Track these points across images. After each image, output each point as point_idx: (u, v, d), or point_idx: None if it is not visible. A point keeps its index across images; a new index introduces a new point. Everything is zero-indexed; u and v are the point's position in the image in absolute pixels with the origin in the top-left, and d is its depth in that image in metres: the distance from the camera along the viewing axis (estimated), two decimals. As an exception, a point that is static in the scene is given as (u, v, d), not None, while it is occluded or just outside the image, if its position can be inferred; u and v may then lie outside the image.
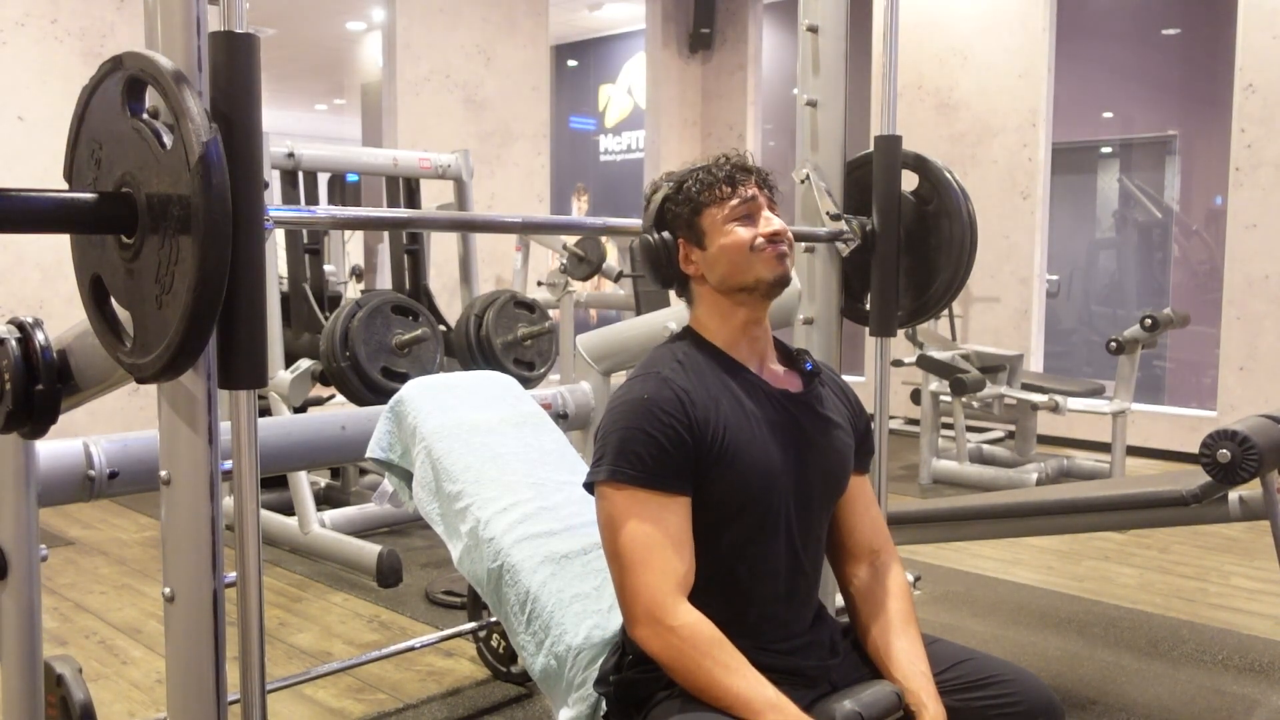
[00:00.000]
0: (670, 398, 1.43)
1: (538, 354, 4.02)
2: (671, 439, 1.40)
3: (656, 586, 1.37)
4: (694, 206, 1.53)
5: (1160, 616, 3.31)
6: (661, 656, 1.37)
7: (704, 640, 1.35)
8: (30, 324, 1.56)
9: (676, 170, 1.60)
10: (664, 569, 1.37)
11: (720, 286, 1.52)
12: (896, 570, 1.60)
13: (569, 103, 10.23)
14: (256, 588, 1.23)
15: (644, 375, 1.49)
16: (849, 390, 1.68)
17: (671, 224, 1.55)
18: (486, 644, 2.81)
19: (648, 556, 1.38)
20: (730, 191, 1.51)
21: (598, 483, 1.44)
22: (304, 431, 2.29)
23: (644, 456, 1.40)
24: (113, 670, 2.88)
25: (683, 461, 1.41)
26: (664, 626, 1.36)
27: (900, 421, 6.60)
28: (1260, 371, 5.50)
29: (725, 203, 1.51)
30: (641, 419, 1.42)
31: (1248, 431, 2.22)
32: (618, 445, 1.42)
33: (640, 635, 1.38)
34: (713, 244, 1.51)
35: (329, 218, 1.68)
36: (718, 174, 1.53)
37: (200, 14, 1.15)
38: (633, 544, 1.39)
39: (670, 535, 1.39)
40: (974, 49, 6.57)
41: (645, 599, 1.37)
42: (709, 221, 1.52)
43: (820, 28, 2.20)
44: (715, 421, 1.44)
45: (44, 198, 1.11)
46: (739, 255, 1.49)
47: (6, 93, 5.06)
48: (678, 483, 1.41)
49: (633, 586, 1.38)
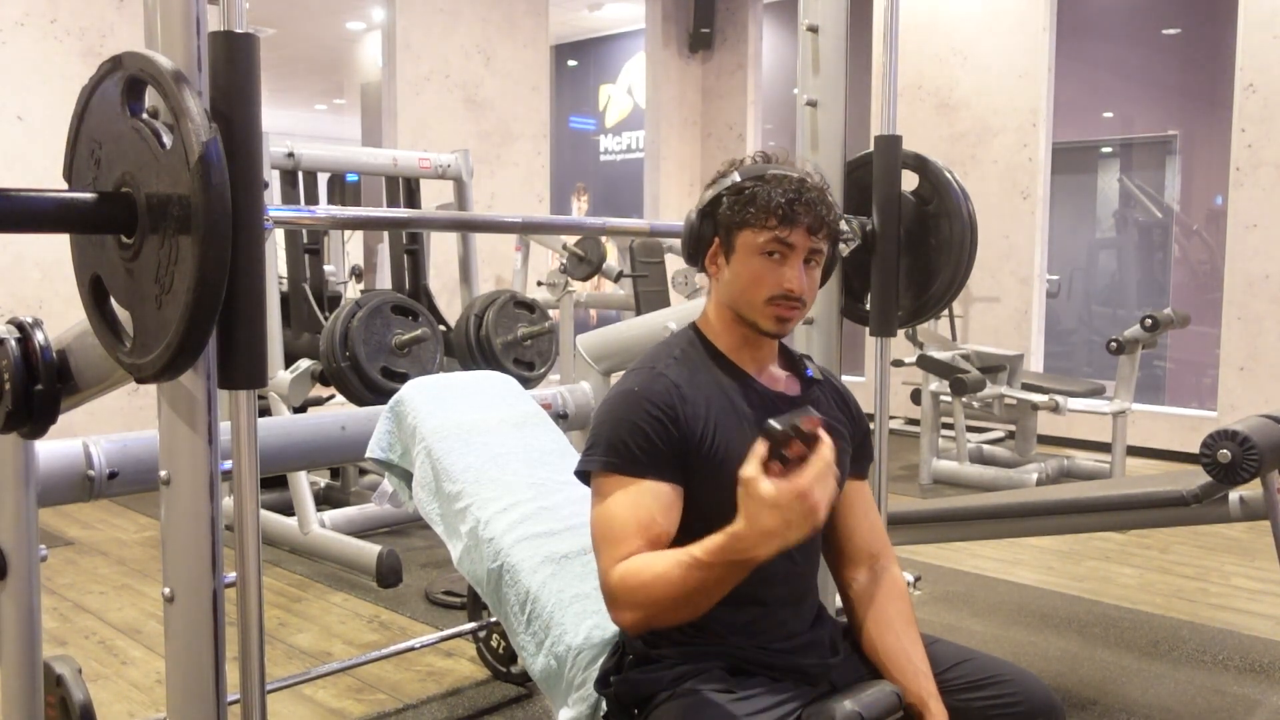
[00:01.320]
0: (660, 390, 1.44)
1: (538, 354, 4.02)
2: (658, 430, 1.41)
3: (604, 567, 1.37)
4: (739, 219, 1.46)
5: (1160, 617, 3.31)
6: (630, 623, 1.35)
7: (632, 573, 1.33)
8: (30, 324, 1.56)
9: (761, 154, 1.52)
10: (627, 549, 1.36)
11: (724, 303, 1.52)
12: (895, 573, 1.59)
13: (569, 103, 10.23)
14: (256, 588, 1.23)
15: (639, 369, 1.50)
16: (849, 397, 1.68)
17: (717, 219, 1.50)
18: (486, 644, 2.81)
19: (611, 536, 1.37)
20: (777, 224, 1.44)
21: (589, 471, 1.45)
22: (304, 431, 2.29)
23: (630, 445, 1.41)
24: (113, 670, 2.88)
25: (669, 453, 1.41)
26: (611, 598, 1.36)
27: (900, 421, 6.60)
28: (1260, 371, 5.50)
29: (765, 231, 1.44)
30: (630, 410, 1.43)
31: (1248, 431, 2.22)
32: (607, 436, 1.43)
33: (616, 622, 1.38)
34: (736, 264, 1.48)
35: (329, 218, 1.68)
36: (779, 199, 1.44)
37: (200, 14, 1.15)
38: (603, 526, 1.39)
39: (640, 520, 1.38)
40: (974, 49, 6.57)
41: (607, 580, 1.37)
42: (743, 241, 1.47)
43: (820, 28, 2.20)
44: (705, 418, 1.44)
45: (44, 198, 1.11)
46: (752, 294, 1.47)
47: (6, 93, 5.06)
48: (661, 470, 1.41)
49: (600, 569, 1.39)
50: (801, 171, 1.50)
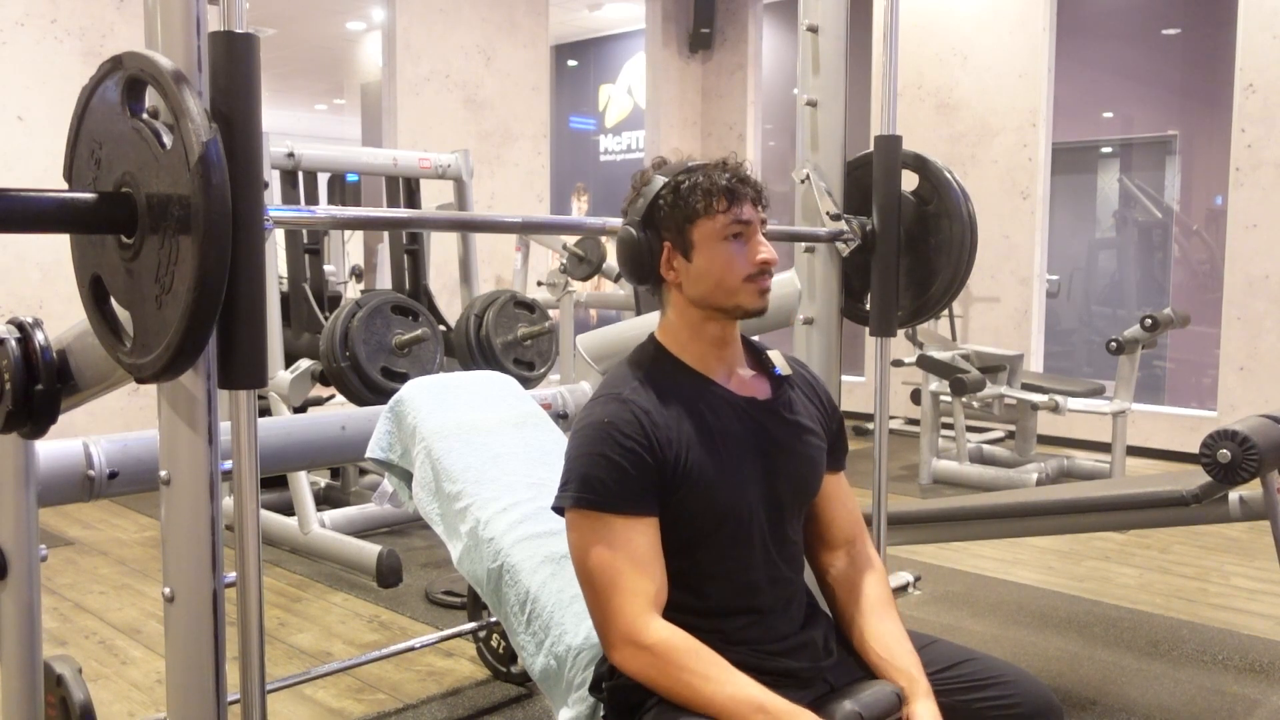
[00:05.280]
0: (630, 419, 1.41)
1: (538, 354, 4.02)
2: (633, 462, 1.39)
3: (627, 608, 1.36)
4: (687, 213, 1.45)
5: (1160, 617, 3.31)
6: (642, 676, 1.36)
7: (680, 653, 1.34)
8: (30, 324, 1.56)
9: (669, 161, 1.52)
10: (633, 590, 1.36)
11: (697, 301, 1.48)
12: (873, 557, 1.61)
13: (569, 103, 10.23)
14: (256, 588, 1.23)
15: (605, 397, 1.46)
16: (821, 389, 1.65)
17: (660, 224, 1.47)
18: (486, 644, 2.81)
19: (616, 579, 1.37)
20: (728, 205, 1.45)
21: (566, 508, 1.43)
22: (304, 431, 2.29)
23: (606, 481, 1.39)
24: (113, 670, 2.88)
25: (646, 484, 1.40)
26: (639, 646, 1.35)
27: (900, 421, 6.60)
28: (1260, 371, 5.50)
29: (720, 216, 1.45)
30: (602, 444, 1.40)
31: (1248, 431, 2.22)
32: (582, 471, 1.41)
33: (618, 659, 1.38)
34: (700, 257, 1.46)
35: (329, 218, 1.68)
36: (718, 182, 1.45)
37: (200, 14, 1.15)
38: (600, 570, 1.38)
39: (636, 557, 1.38)
40: (974, 49, 6.57)
41: (618, 623, 1.37)
42: (700, 233, 1.45)
43: (820, 28, 2.20)
44: (678, 441, 1.42)
45: (44, 198, 1.11)
46: (729, 278, 1.45)
47: (6, 93, 5.06)
48: (642, 504, 1.40)
49: (605, 612, 1.38)
50: (716, 158, 1.52)
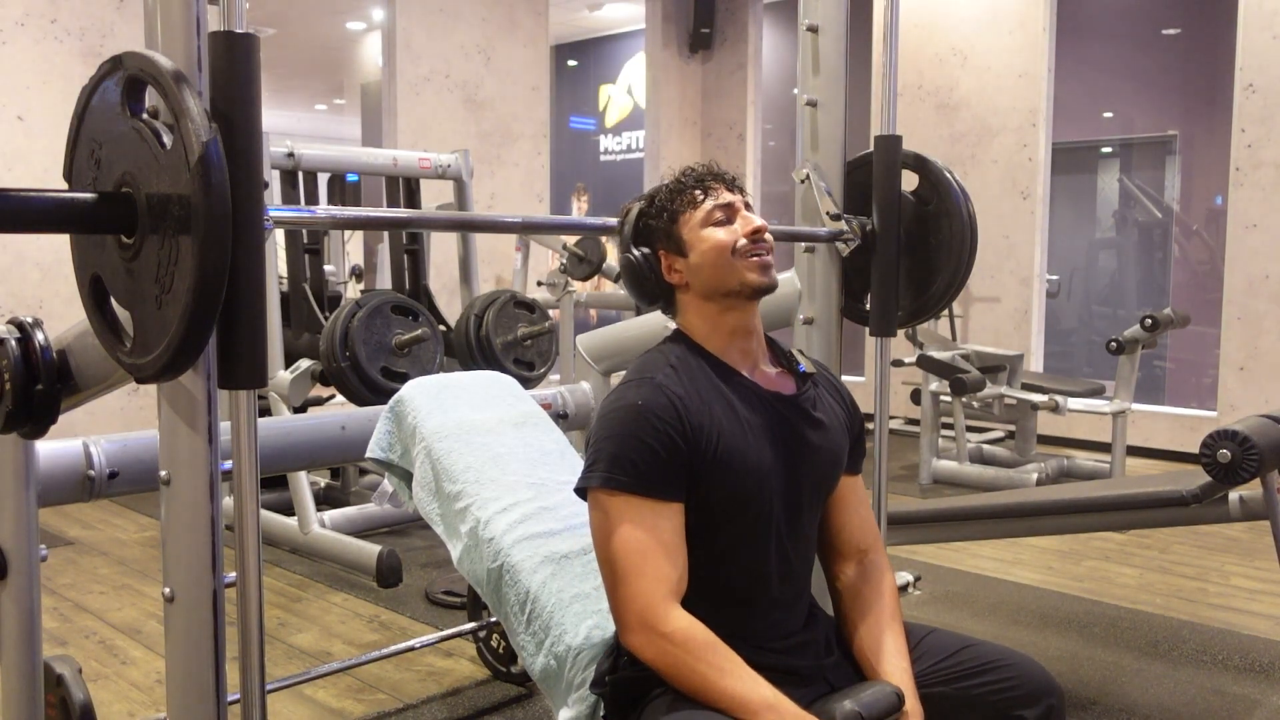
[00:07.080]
0: (665, 404, 1.42)
1: (538, 354, 4.02)
2: (666, 446, 1.40)
3: (649, 593, 1.37)
4: (669, 215, 1.54)
5: (1160, 616, 3.31)
6: (656, 663, 1.37)
7: (697, 644, 1.35)
8: (30, 324, 1.56)
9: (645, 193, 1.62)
10: (656, 576, 1.37)
11: (706, 293, 1.52)
12: (885, 568, 1.61)
13: (569, 103, 10.23)
14: (256, 588, 1.23)
15: (638, 380, 1.47)
16: (844, 391, 1.67)
17: (650, 238, 1.56)
18: (486, 644, 2.81)
19: (640, 564, 1.37)
20: (703, 196, 1.53)
21: (591, 488, 1.43)
22: (304, 431, 2.29)
23: (638, 464, 1.39)
24: (113, 670, 2.88)
25: (677, 468, 1.41)
26: (657, 633, 1.36)
27: (900, 421, 6.60)
28: (1260, 371, 5.50)
29: (700, 206, 1.52)
30: (636, 426, 1.41)
31: (1248, 431, 2.22)
32: (612, 452, 1.41)
33: (634, 643, 1.38)
34: (694, 250, 1.51)
35: (329, 218, 1.68)
36: (687, 181, 1.55)
37: (200, 14, 1.15)
38: (625, 551, 1.38)
39: (663, 542, 1.39)
40: (974, 49, 6.57)
41: (638, 606, 1.37)
42: (686, 228, 1.52)
43: (820, 28, 2.20)
44: (710, 427, 1.43)
45: (44, 198, 1.11)
46: (721, 259, 1.50)
47: (6, 93, 5.06)
48: (671, 489, 1.41)
49: (625, 594, 1.38)
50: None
